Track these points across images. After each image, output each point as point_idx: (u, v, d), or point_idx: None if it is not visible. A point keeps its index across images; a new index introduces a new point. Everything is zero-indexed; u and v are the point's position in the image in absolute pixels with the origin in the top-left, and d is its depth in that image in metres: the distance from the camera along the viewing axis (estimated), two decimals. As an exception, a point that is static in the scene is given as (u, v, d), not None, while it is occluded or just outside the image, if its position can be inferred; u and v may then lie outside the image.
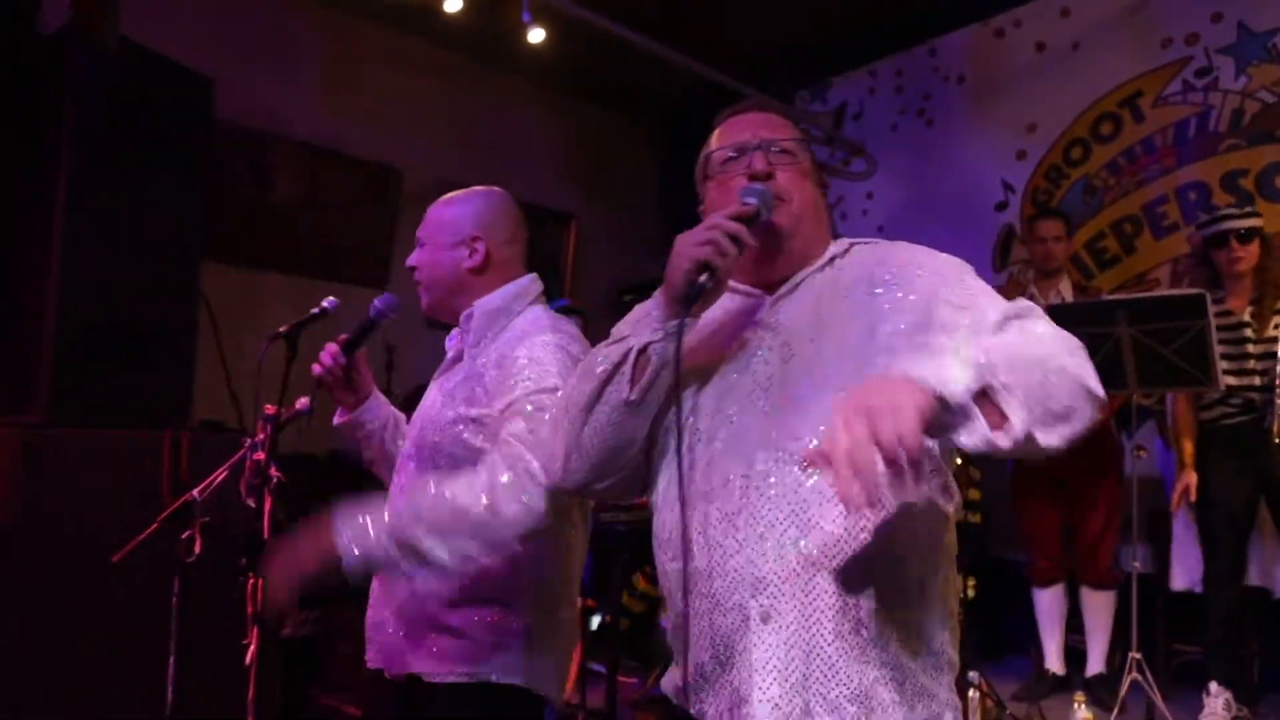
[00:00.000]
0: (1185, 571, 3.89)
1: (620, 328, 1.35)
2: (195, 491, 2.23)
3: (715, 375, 1.33)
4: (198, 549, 2.18)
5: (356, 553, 1.58)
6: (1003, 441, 1.03)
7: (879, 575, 1.17)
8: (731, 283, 1.38)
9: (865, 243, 1.43)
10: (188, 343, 3.22)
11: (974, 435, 1.03)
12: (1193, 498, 3.65)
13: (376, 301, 1.99)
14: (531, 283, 1.93)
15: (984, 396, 1.03)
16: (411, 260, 1.97)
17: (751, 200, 1.29)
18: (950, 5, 5.36)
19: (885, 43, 5.72)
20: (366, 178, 5.40)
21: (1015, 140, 5.16)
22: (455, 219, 1.93)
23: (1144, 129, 4.69)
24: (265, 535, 1.99)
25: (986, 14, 5.30)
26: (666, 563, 1.32)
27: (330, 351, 1.95)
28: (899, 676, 1.18)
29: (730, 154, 1.41)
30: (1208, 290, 3.38)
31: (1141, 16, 4.71)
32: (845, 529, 1.17)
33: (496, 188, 2.02)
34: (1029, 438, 1.03)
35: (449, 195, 2.00)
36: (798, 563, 1.18)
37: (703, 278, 1.21)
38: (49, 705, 2.59)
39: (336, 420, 2.03)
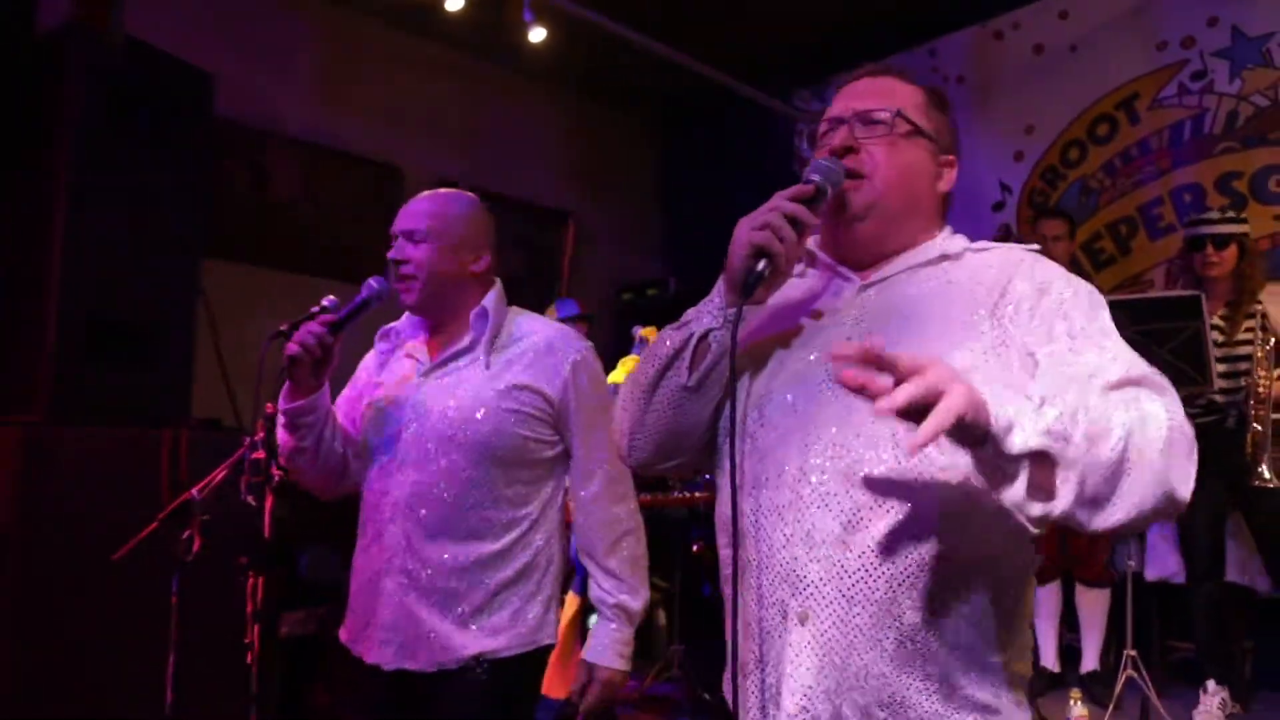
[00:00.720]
0: (1159, 562, 3.94)
1: (689, 311, 1.28)
2: (194, 490, 2.23)
3: (788, 356, 1.27)
4: (197, 547, 2.18)
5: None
6: (1034, 511, 0.97)
7: (932, 588, 1.11)
8: (822, 256, 1.34)
9: (985, 248, 1.32)
10: (187, 341, 3.21)
11: (1006, 493, 0.97)
12: None
13: (372, 282, 1.98)
14: (502, 288, 2.04)
15: (1043, 458, 0.94)
16: (405, 254, 1.94)
17: (815, 177, 1.21)
18: (949, 6, 5.37)
19: (885, 42, 5.71)
20: (367, 175, 5.40)
21: (1013, 141, 5.17)
22: (461, 221, 1.98)
23: (1140, 131, 4.71)
24: (266, 534, 2.00)
25: (986, 15, 5.32)
26: (722, 547, 1.29)
27: (314, 331, 1.87)
28: (945, 690, 1.12)
29: (826, 127, 1.33)
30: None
31: (1138, 20, 4.73)
32: (895, 535, 1.11)
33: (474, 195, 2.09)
34: (1068, 515, 0.96)
35: (441, 193, 2.04)
36: (841, 565, 1.13)
37: (760, 265, 1.15)
38: (48, 704, 2.58)
39: (285, 404, 1.93)
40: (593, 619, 4.13)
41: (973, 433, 0.94)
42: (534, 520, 1.93)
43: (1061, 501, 0.95)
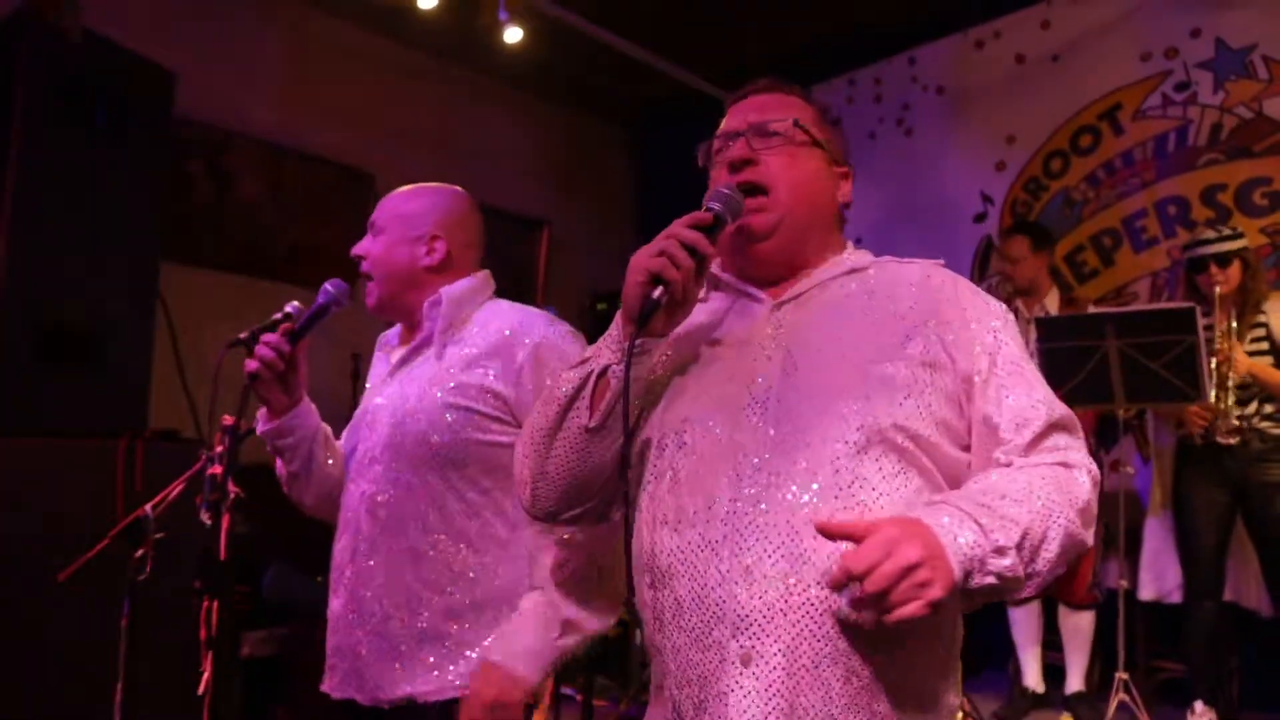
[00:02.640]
0: (1153, 580, 3.87)
1: (587, 350, 1.24)
2: (148, 506, 2.10)
3: (707, 383, 1.21)
4: (149, 568, 2.06)
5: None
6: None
7: (878, 623, 1.04)
8: (727, 278, 1.30)
9: (894, 262, 1.32)
10: (144, 348, 3.07)
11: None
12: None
13: (328, 285, 1.84)
14: (487, 280, 1.91)
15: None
16: (361, 248, 1.86)
17: (715, 205, 1.20)
18: (930, 15, 5.33)
19: (864, 51, 5.68)
20: (335, 179, 5.26)
21: (994, 151, 5.13)
22: (416, 214, 1.86)
23: (1123, 142, 4.68)
24: (222, 555, 1.88)
25: (966, 24, 5.27)
26: (644, 589, 1.19)
27: (271, 341, 1.75)
28: None
29: (721, 143, 1.32)
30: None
31: (1121, 30, 4.70)
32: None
33: (459, 188, 1.96)
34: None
35: (410, 187, 1.92)
36: (786, 601, 1.05)
37: (656, 293, 1.12)
38: (-11, 731, 2.45)
39: (261, 428, 1.82)
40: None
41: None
42: (498, 541, 1.70)
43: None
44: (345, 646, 1.73)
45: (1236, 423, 3.45)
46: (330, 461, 1.89)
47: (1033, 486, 1.08)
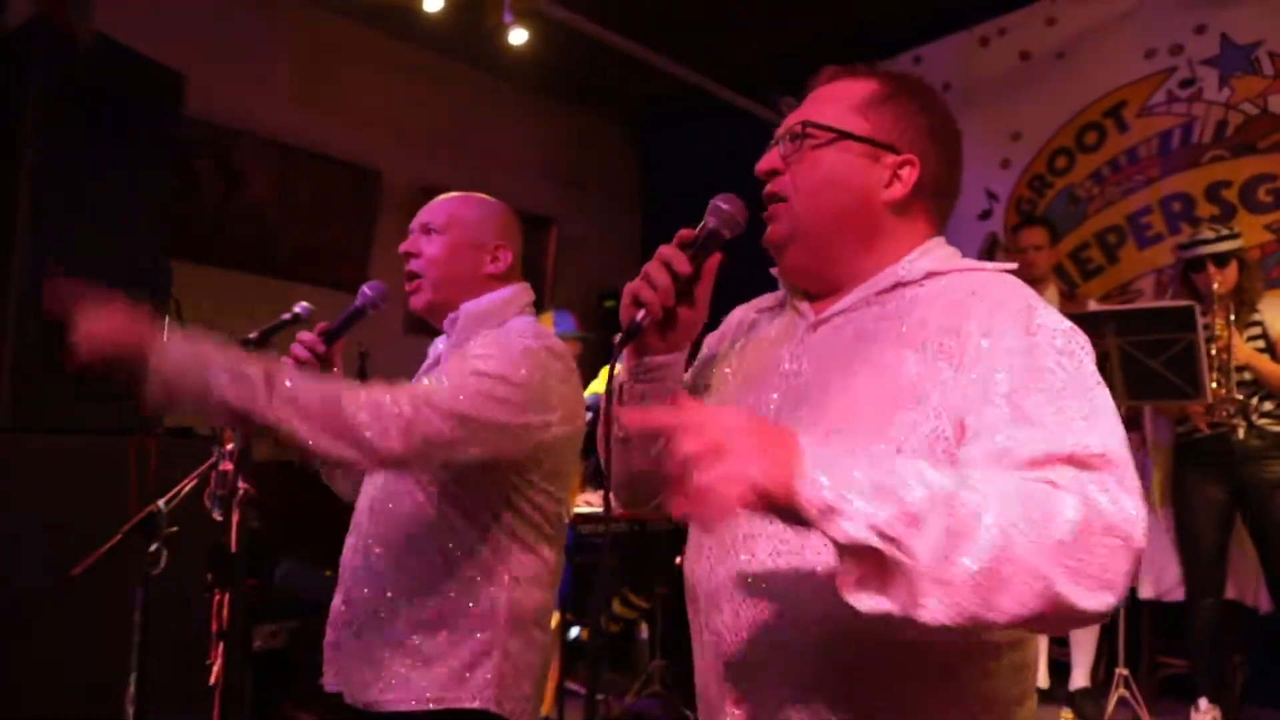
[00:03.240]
0: (1153, 579, 3.89)
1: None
2: (160, 502, 2.14)
3: (727, 403, 1.24)
4: (163, 562, 2.10)
5: (174, 361, 1.41)
6: (863, 605, 0.82)
7: (860, 646, 1.00)
8: (788, 291, 1.25)
9: (960, 271, 1.14)
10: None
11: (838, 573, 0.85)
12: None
13: (366, 288, 1.89)
14: (521, 291, 1.89)
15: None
16: (415, 247, 1.82)
17: (711, 221, 1.16)
18: (935, 13, 5.33)
19: (869, 50, 5.68)
20: (343, 178, 5.30)
21: (999, 149, 5.13)
22: (480, 220, 1.87)
23: (1128, 139, 4.68)
24: (233, 549, 1.92)
25: (971, 22, 5.27)
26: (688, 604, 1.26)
27: (308, 340, 1.80)
28: None
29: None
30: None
31: (1126, 27, 4.70)
32: (831, 591, 0.87)
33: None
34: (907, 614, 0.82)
35: (461, 194, 1.92)
36: (773, 617, 1.06)
37: (639, 315, 1.13)
38: (5, 722, 2.49)
39: None
40: (573, 631, 4.06)
41: (774, 504, 0.81)
42: (476, 555, 1.68)
43: (894, 607, 0.81)
44: (336, 642, 1.77)
45: (1240, 397, 3.43)
46: None
47: (987, 486, 0.85)
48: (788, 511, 0.82)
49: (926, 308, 1.09)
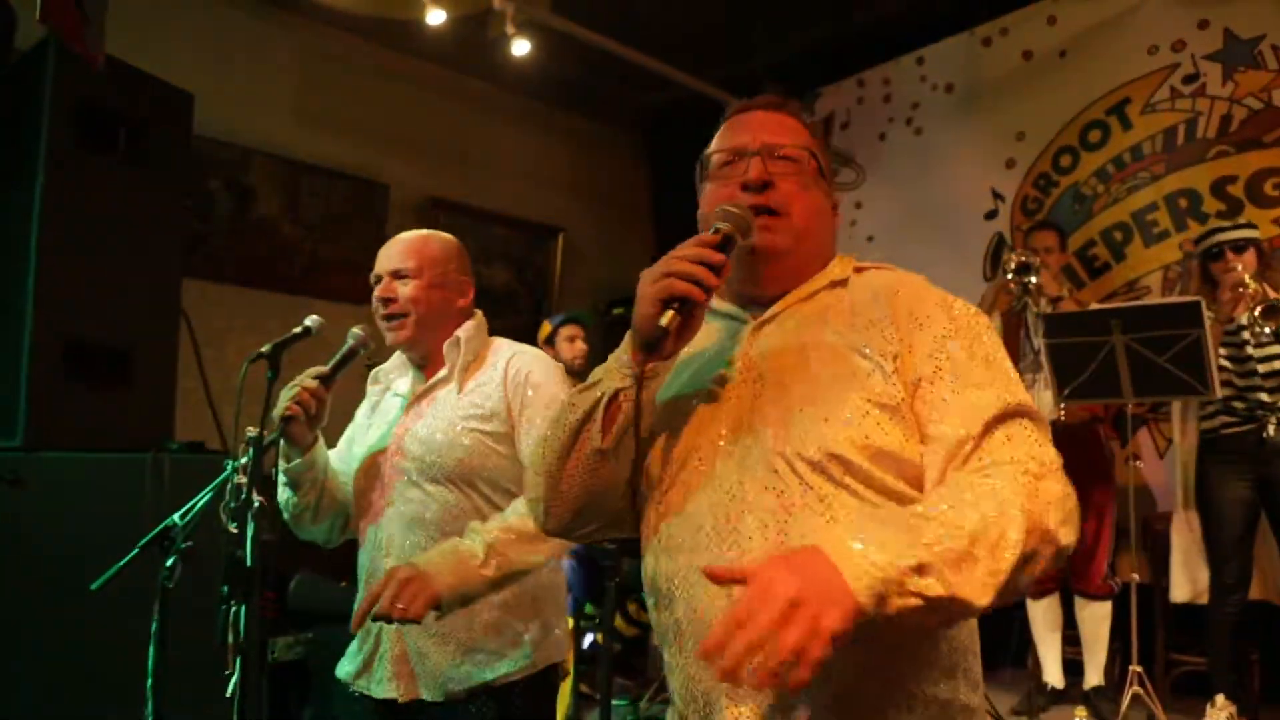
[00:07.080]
0: (1189, 582, 3.84)
1: (597, 370, 1.26)
2: (176, 516, 2.17)
3: (689, 411, 1.23)
4: (178, 575, 2.12)
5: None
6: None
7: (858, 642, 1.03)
8: (714, 303, 1.29)
9: (875, 268, 1.31)
10: (169, 362, 3.16)
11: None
12: None
13: (358, 330, 2.04)
14: (482, 316, 2.11)
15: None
16: (391, 292, 2.00)
17: (723, 225, 1.18)
18: (937, 14, 5.34)
19: (873, 52, 5.71)
20: (351, 192, 5.34)
21: (1004, 148, 5.14)
22: (444, 258, 2.05)
23: (1132, 136, 4.68)
24: (249, 562, 1.94)
25: (974, 22, 5.29)
26: (653, 609, 1.25)
27: (310, 389, 1.94)
28: None
29: (728, 157, 1.30)
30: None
31: (1128, 24, 4.70)
32: None
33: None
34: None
35: (421, 235, 2.08)
36: None
37: (665, 320, 1.11)
38: (25, 737, 2.52)
39: (285, 465, 2.00)
40: (587, 639, 4.08)
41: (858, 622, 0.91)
42: None
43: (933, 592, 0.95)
44: (408, 654, 1.93)
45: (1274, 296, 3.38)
46: (336, 489, 2.07)
47: (980, 493, 1.02)
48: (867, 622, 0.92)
49: (855, 297, 1.25)
